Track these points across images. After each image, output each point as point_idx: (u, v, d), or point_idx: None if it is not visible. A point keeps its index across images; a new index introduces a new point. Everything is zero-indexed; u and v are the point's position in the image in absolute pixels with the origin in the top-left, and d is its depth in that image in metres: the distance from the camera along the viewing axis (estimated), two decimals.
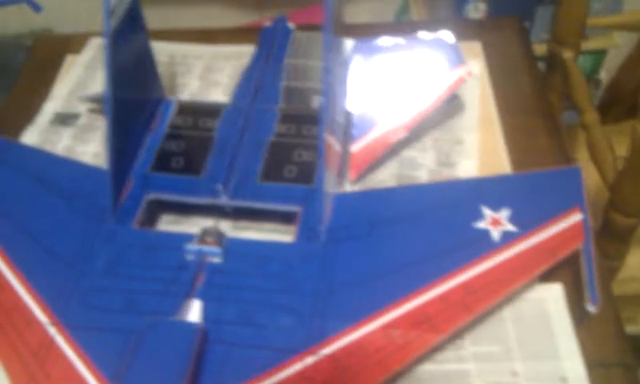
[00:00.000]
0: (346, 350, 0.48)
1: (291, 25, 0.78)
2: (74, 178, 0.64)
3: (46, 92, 0.81)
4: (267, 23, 0.79)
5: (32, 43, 0.94)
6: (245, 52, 0.79)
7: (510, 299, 0.53)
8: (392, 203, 0.59)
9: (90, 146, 0.72)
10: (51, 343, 0.50)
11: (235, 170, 0.62)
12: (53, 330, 0.51)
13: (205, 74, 0.80)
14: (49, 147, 0.72)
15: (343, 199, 0.60)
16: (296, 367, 0.47)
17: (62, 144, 0.73)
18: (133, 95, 0.65)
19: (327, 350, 0.48)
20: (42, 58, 0.87)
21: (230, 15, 1.26)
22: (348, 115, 0.67)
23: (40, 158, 0.68)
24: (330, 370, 0.47)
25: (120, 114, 0.60)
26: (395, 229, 0.57)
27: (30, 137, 0.74)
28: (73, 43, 0.87)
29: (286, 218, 0.59)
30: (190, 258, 0.55)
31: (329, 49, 0.57)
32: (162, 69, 0.73)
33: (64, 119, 0.77)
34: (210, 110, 0.69)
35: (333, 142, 0.60)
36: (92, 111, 0.77)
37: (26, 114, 0.78)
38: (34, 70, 0.85)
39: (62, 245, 0.57)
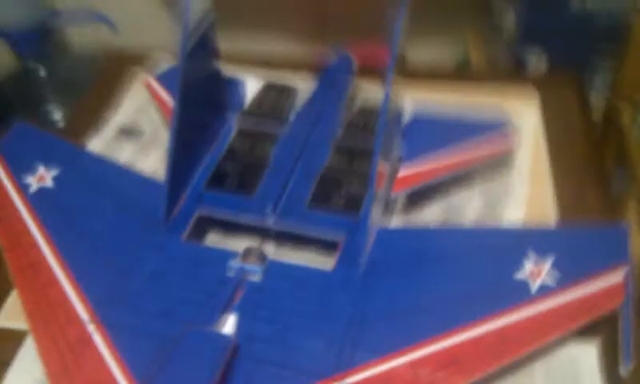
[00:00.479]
0: (371, 381, 0.49)
1: (353, 60, 0.81)
2: (132, 187, 0.67)
3: (114, 106, 0.85)
4: (329, 56, 0.82)
5: (103, 59, 0.99)
6: (305, 82, 0.81)
7: (542, 352, 0.53)
8: (434, 242, 0.60)
9: (149, 162, 0.76)
10: (89, 340, 0.52)
11: (285, 195, 0.64)
12: (92, 328, 0.53)
13: None
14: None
15: (386, 234, 0.61)
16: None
17: (124, 157, 0.77)
18: (198, 114, 0.68)
19: (352, 379, 0.49)
20: (112, 74, 0.92)
21: (292, 42, 1.29)
22: (399, 152, 0.68)
23: (101, 164, 0.71)
24: None
25: (184, 131, 0.63)
26: (435, 268, 0.57)
27: (95, 147, 0.78)
28: (143, 61, 0.91)
29: (327, 247, 0.60)
30: (231, 274, 0.56)
31: (388, 96, 0.58)
32: None
33: (128, 133, 0.81)
34: (268, 135, 0.71)
35: (383, 177, 0.61)
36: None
37: (93, 125, 0.82)
38: (104, 84, 0.90)
39: (113, 249, 0.60)
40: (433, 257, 0.58)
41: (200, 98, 0.68)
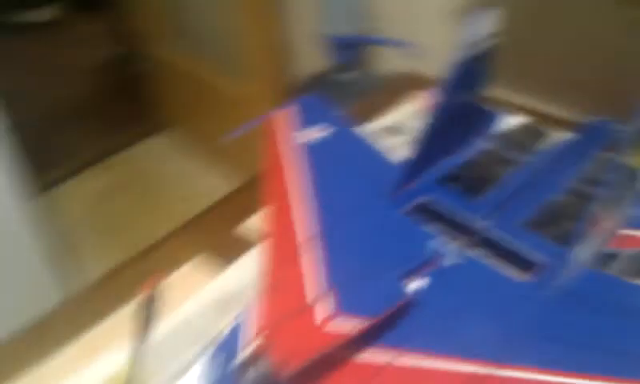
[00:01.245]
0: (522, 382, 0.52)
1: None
2: (377, 162, 0.79)
3: (387, 111, 0.98)
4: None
5: (395, 77, 1.12)
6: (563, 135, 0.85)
7: None
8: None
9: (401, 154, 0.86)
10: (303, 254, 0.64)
11: (504, 209, 0.69)
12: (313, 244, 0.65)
13: None
14: None
15: (591, 274, 0.63)
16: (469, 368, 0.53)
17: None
18: (451, 123, 0.76)
19: (501, 373, 0.53)
20: (396, 89, 1.05)
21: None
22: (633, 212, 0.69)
23: (360, 140, 0.84)
24: None
25: (434, 131, 0.72)
26: (627, 321, 0.58)
27: None
28: (429, 84, 1.02)
29: (525, 267, 0.63)
30: (431, 249, 0.64)
31: None
32: None
33: (392, 131, 0.93)
34: (508, 159, 0.77)
35: (601, 225, 0.63)
36: None
37: (364, 121, 0.95)
38: (385, 96, 1.03)
39: (343, 201, 0.72)
40: (633, 309, 0.58)
41: (457, 110, 0.76)
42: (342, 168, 0.78)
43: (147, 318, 0.65)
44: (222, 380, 0.50)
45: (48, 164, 2.08)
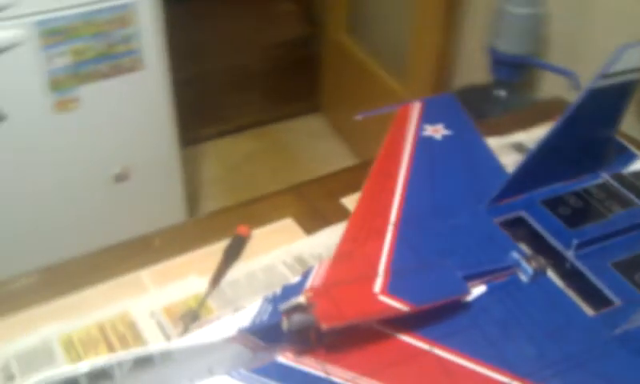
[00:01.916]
0: None
1: None
2: (489, 168, 0.78)
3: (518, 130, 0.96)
4: None
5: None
6: None
7: None
8: None
9: None
10: (380, 234, 0.66)
11: (599, 245, 0.66)
12: (390, 228, 0.67)
13: None
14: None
15: None
16: (499, 377, 0.53)
17: (504, 160, 0.87)
18: (573, 146, 0.74)
19: None
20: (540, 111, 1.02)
21: None
22: None
23: (480, 146, 0.83)
24: None
25: (552, 148, 0.71)
26: None
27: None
28: None
29: (600, 304, 0.61)
30: (507, 262, 0.63)
31: None
32: None
33: (518, 148, 0.91)
34: (626, 199, 0.73)
35: None
36: None
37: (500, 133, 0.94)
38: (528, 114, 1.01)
39: (442, 195, 0.72)
40: None
41: (584, 137, 0.73)
42: (452, 168, 0.79)
43: (230, 257, 0.71)
44: (272, 317, 0.54)
45: (208, 120, 2.25)
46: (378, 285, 0.57)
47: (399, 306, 0.55)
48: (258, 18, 2.84)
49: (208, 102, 2.31)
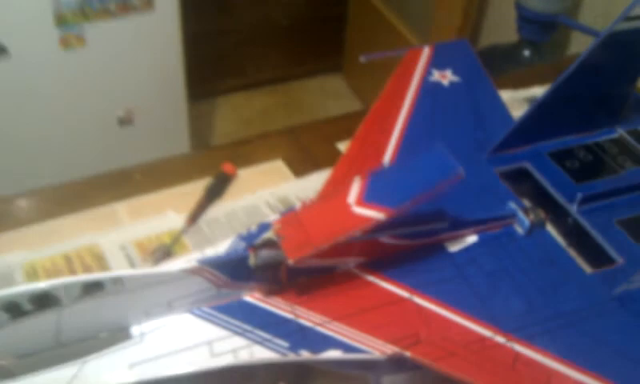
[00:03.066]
0: (535, 367, 0.46)
1: None
2: (497, 116, 0.72)
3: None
4: None
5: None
6: None
7: None
8: None
9: None
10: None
11: (606, 201, 0.61)
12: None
13: None
14: None
15: None
16: (480, 330, 0.48)
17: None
18: (588, 95, 0.68)
19: (523, 350, 0.47)
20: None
21: None
22: None
23: (490, 92, 0.77)
24: (504, 360, 0.46)
25: (564, 96, 0.65)
26: None
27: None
28: None
29: (601, 262, 0.56)
30: (503, 211, 0.58)
31: None
32: None
33: (531, 101, 0.85)
34: (637, 158, 0.67)
35: None
36: None
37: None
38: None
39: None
40: None
41: (599, 83, 0.67)
42: (455, 114, 0.73)
43: (212, 194, 0.67)
44: (242, 254, 0.50)
45: (225, 74, 2.21)
46: (353, 195, 0.50)
47: (374, 213, 0.48)
48: None
49: (227, 56, 2.27)
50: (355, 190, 0.49)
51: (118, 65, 1.38)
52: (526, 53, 1.44)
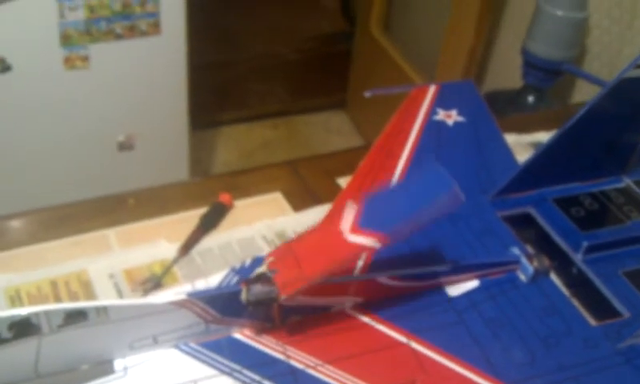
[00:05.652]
0: None
1: None
2: (502, 160, 0.71)
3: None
4: None
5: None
6: None
7: None
8: None
9: None
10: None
11: (611, 252, 0.59)
12: None
13: None
14: None
15: None
16: (480, 381, 0.46)
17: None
18: (597, 141, 0.66)
19: None
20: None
21: None
22: None
23: (496, 136, 0.76)
24: None
25: (570, 142, 0.63)
26: None
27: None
28: None
29: (603, 313, 0.54)
30: (507, 257, 0.56)
31: None
32: None
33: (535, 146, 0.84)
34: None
35: None
36: None
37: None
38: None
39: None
40: None
41: (606, 131, 0.66)
42: (459, 155, 0.72)
43: (207, 224, 0.66)
44: (233, 289, 0.48)
45: (229, 105, 2.21)
46: (348, 221, 0.47)
47: (367, 241, 0.46)
48: (296, 9, 2.80)
49: (232, 88, 2.27)
50: (349, 215, 0.47)
51: (122, 88, 1.37)
52: (530, 98, 1.43)
